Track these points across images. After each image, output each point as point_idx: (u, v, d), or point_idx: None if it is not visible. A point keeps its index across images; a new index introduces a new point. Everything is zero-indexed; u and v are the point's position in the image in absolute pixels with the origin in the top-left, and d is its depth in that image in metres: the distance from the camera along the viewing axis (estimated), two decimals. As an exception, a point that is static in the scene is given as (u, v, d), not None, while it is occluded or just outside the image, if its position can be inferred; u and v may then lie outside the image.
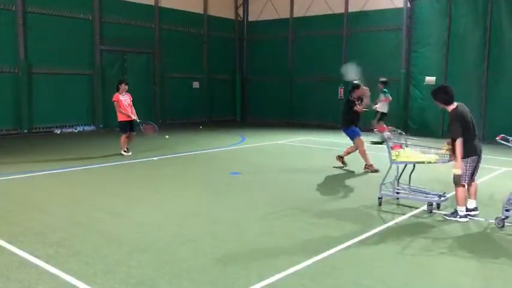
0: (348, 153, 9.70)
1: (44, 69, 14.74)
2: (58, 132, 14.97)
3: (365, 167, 9.36)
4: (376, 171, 9.10)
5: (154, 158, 10.42)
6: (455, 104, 6.06)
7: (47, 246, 4.92)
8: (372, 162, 9.33)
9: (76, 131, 15.41)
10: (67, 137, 14.26)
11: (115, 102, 10.59)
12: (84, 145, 12.63)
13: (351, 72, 9.91)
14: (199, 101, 19.61)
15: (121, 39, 16.48)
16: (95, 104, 16.06)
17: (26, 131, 14.35)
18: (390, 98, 13.89)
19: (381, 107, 13.72)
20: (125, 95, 10.71)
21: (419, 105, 16.07)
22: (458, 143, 5.87)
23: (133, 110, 10.83)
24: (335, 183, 8.40)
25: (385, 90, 13.90)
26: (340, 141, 14.29)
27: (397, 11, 16.53)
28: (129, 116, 10.61)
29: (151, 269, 4.39)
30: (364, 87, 9.58)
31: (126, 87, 10.70)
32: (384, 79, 14.07)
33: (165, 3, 18.14)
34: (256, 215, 6.24)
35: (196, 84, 19.59)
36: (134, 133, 10.91)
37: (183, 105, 18.77)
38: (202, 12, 19.69)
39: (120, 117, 10.64)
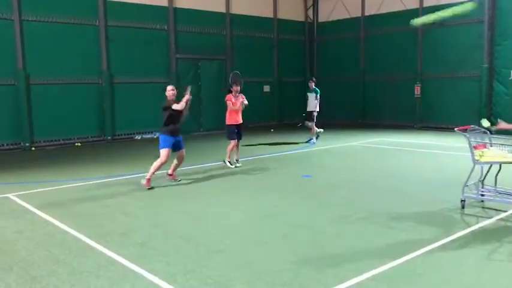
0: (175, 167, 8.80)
1: (124, 79, 15.58)
2: (138, 138, 15.78)
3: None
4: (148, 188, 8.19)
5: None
6: None
7: (131, 246, 5.20)
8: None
9: (155, 136, 16.10)
10: (147, 142, 14.98)
11: (227, 102, 10.24)
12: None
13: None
14: (270, 104, 19.78)
15: (195, 47, 17.09)
16: (172, 110, 16.71)
17: (109, 137, 15.28)
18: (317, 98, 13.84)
19: (313, 106, 13.79)
20: (237, 97, 10.28)
21: (505, 101, 15.02)
22: None
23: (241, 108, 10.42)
24: (412, 186, 8.07)
25: (316, 89, 13.78)
26: (417, 141, 13.75)
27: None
28: (237, 120, 10.19)
29: (228, 270, 4.49)
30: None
31: (238, 88, 10.34)
32: (314, 78, 14.39)
33: (236, 10, 18.52)
34: (329, 218, 6.18)
35: (267, 88, 19.81)
36: (240, 140, 10.40)
37: (255, 109, 18.89)
38: (272, 16, 19.88)
39: (228, 120, 10.26)
